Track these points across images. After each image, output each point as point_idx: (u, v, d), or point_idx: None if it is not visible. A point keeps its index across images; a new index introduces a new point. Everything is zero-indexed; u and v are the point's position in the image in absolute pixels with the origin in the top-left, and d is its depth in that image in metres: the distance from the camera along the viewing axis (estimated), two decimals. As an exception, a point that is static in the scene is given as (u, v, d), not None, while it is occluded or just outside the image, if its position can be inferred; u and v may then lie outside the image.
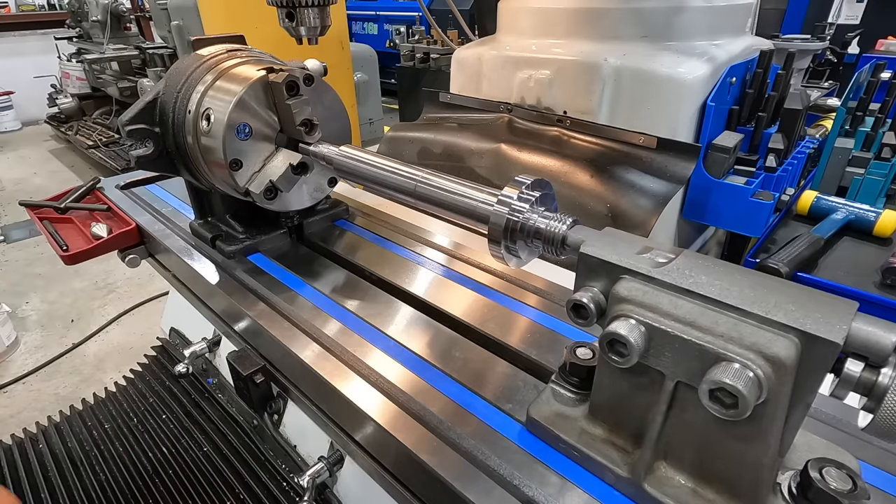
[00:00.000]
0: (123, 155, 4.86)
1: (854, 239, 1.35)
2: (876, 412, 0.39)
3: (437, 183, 0.67)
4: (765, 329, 0.40)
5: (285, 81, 0.78)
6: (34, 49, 7.20)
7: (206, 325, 1.13)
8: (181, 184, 1.06)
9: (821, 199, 1.42)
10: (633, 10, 1.29)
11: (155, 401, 1.26)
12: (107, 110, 5.93)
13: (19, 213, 4.26)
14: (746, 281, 0.44)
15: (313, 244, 1.05)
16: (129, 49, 5.29)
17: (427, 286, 0.89)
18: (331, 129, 0.87)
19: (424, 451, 0.59)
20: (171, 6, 4.13)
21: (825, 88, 2.57)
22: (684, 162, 1.17)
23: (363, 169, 0.76)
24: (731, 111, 1.38)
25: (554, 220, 0.56)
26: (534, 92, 1.38)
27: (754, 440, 0.44)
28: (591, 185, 1.20)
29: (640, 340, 0.44)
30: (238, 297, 0.88)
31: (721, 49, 1.33)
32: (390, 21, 6.82)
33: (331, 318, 0.81)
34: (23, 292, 3.24)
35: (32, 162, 5.73)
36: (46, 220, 1.20)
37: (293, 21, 0.98)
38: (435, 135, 1.50)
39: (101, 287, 3.27)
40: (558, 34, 1.38)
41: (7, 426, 2.22)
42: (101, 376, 2.52)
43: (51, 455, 1.19)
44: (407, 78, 4.66)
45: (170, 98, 0.85)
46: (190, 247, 1.04)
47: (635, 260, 0.48)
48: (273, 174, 0.83)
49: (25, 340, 2.81)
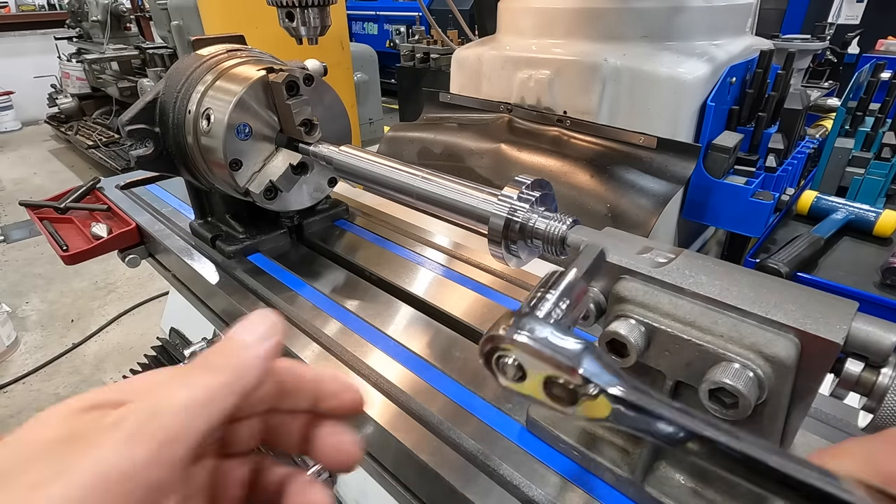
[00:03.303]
0: (123, 155, 4.86)
1: (854, 239, 1.35)
2: (876, 412, 0.39)
3: (436, 183, 0.67)
4: (765, 329, 0.40)
5: (285, 81, 0.78)
6: (34, 49, 7.20)
7: (206, 325, 1.13)
8: (181, 184, 1.06)
9: (821, 199, 1.42)
10: (633, 10, 1.29)
11: (155, 401, 1.26)
12: (107, 110, 5.93)
13: (19, 213, 4.26)
14: (746, 281, 0.44)
15: (313, 244, 1.05)
16: (129, 49, 5.29)
17: (427, 286, 0.89)
18: (331, 129, 0.87)
19: (424, 451, 0.59)
20: (170, 6, 4.12)
21: (825, 88, 2.57)
22: (684, 162, 1.17)
23: (363, 169, 0.76)
24: (731, 111, 1.38)
25: (554, 220, 0.56)
26: (534, 92, 1.38)
27: (754, 440, 0.44)
28: (591, 185, 1.20)
29: (639, 340, 0.44)
30: (238, 297, 0.88)
31: (721, 49, 1.33)
32: (390, 21, 6.82)
33: (331, 318, 0.81)
34: (23, 292, 3.25)
35: (32, 162, 5.73)
36: (46, 219, 1.20)
37: (293, 21, 0.98)
38: (435, 135, 1.50)
39: (101, 287, 3.27)
40: (558, 34, 1.38)
41: (7, 426, 2.23)
42: (101, 376, 2.52)
43: (51, 455, 1.19)
44: (407, 78, 4.66)
45: (170, 98, 0.85)
46: (190, 247, 1.04)
47: (635, 260, 0.48)
48: (273, 174, 0.83)
49: (25, 340, 2.81)
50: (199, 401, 0.28)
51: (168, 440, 0.26)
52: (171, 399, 0.28)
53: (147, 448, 0.26)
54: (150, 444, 0.26)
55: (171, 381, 0.29)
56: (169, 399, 0.28)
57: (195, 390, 0.29)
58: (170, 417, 0.27)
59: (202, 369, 0.30)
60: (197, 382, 0.29)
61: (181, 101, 0.84)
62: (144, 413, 0.27)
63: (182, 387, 0.29)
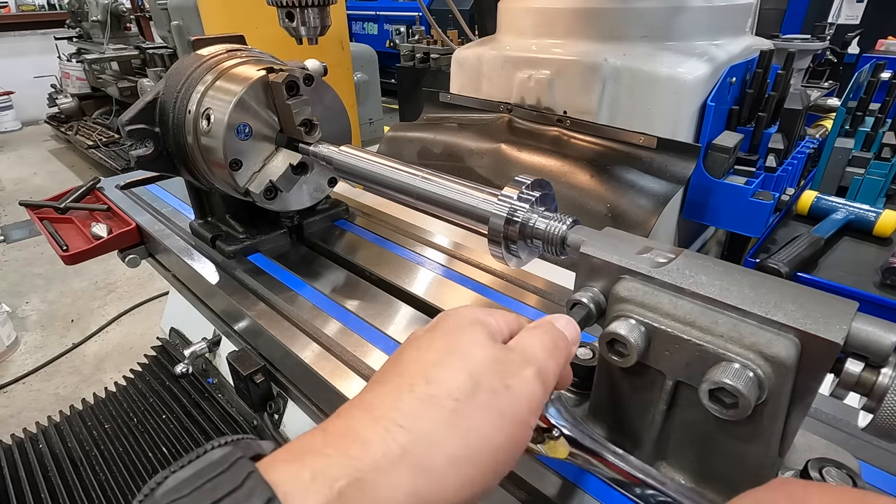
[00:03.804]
0: (123, 155, 4.86)
1: (854, 239, 1.35)
2: (876, 412, 0.39)
3: (436, 183, 0.67)
4: (765, 329, 0.40)
5: (285, 81, 0.78)
6: (34, 49, 7.19)
7: (206, 325, 1.13)
8: (181, 184, 1.06)
9: (821, 199, 1.42)
10: (633, 10, 1.29)
11: (155, 401, 1.26)
12: (107, 110, 5.92)
13: (19, 213, 4.26)
14: (746, 281, 0.44)
15: (313, 244, 1.05)
16: (129, 49, 5.29)
17: (427, 286, 0.89)
18: (331, 129, 0.87)
19: (424, 451, 0.59)
20: (170, 6, 4.12)
21: (825, 88, 2.57)
22: (684, 162, 1.17)
23: (363, 169, 0.76)
24: (731, 111, 1.38)
25: (554, 221, 0.56)
26: (534, 92, 1.38)
27: (754, 440, 0.44)
28: (591, 185, 1.20)
29: (639, 340, 0.45)
30: (238, 297, 0.88)
31: (721, 49, 1.33)
32: (390, 21, 6.81)
33: (331, 318, 0.81)
34: (23, 292, 3.24)
35: (32, 162, 5.73)
36: (46, 220, 1.20)
37: (293, 21, 0.98)
38: (435, 135, 1.50)
39: (101, 287, 3.27)
40: (558, 34, 1.38)
41: (7, 426, 2.22)
42: (101, 376, 2.52)
43: (51, 455, 1.19)
44: (407, 78, 4.66)
45: (170, 98, 0.85)
46: (190, 247, 1.04)
47: (635, 260, 0.48)
48: (273, 174, 0.83)
49: (25, 340, 2.81)
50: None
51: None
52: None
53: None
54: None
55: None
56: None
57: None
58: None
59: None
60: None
61: (181, 101, 0.84)
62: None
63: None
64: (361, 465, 0.29)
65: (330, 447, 0.30)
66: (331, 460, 0.29)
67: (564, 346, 0.41)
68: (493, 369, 0.36)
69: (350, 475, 0.28)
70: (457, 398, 0.33)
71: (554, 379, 0.39)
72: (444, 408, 0.32)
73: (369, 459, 0.29)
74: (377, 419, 0.31)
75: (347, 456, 0.29)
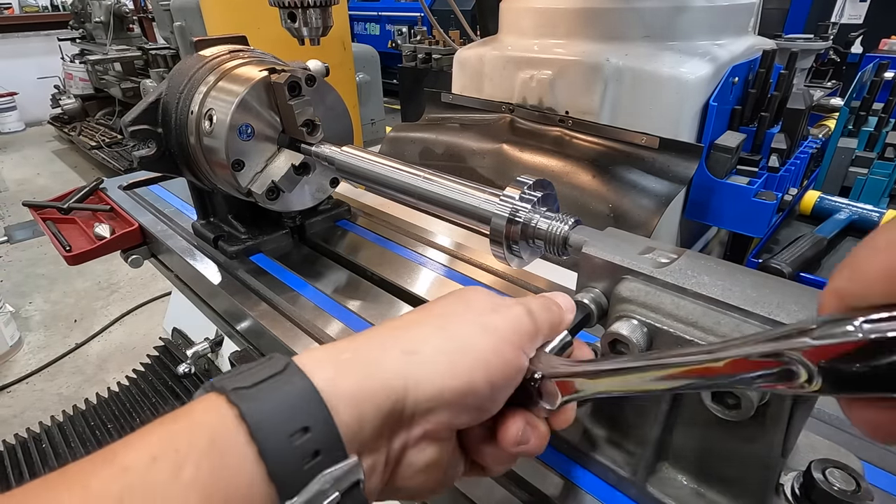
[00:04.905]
0: (126, 155, 4.88)
1: (857, 239, 1.34)
2: (879, 413, 0.38)
3: (438, 183, 0.67)
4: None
5: (287, 82, 0.79)
6: (37, 50, 7.22)
7: (208, 326, 1.13)
8: (183, 184, 1.06)
9: (824, 199, 1.42)
10: (634, 10, 1.29)
11: (157, 400, 1.27)
12: (110, 111, 5.95)
13: (23, 214, 4.27)
14: (749, 281, 0.44)
15: (315, 244, 1.05)
16: (132, 50, 5.30)
17: (429, 286, 0.89)
18: (333, 129, 0.87)
19: (426, 451, 0.59)
20: (173, 7, 4.13)
21: (828, 88, 2.56)
22: (686, 162, 1.16)
23: (365, 169, 0.76)
24: (733, 111, 1.37)
25: (556, 221, 0.56)
26: (536, 92, 1.38)
27: (757, 441, 0.43)
28: (593, 186, 1.20)
29: (642, 341, 0.44)
30: (240, 297, 0.88)
31: (723, 49, 1.32)
32: (392, 21, 6.82)
33: (333, 319, 0.81)
34: (26, 292, 3.26)
35: (36, 163, 5.75)
36: (49, 220, 1.21)
37: (295, 22, 0.99)
38: (437, 135, 1.50)
39: (104, 287, 3.28)
40: (560, 34, 1.38)
41: (10, 426, 2.23)
42: (103, 376, 2.53)
43: (54, 455, 1.20)
44: (409, 78, 4.67)
45: (172, 99, 0.85)
46: (192, 247, 1.04)
47: (637, 260, 0.48)
48: (275, 175, 0.83)
49: (28, 340, 2.82)
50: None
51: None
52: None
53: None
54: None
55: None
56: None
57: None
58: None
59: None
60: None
61: (184, 101, 0.85)
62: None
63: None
64: (359, 346, 0.38)
65: (338, 345, 0.39)
66: (338, 346, 0.38)
67: (557, 310, 0.46)
68: (486, 303, 0.43)
69: (352, 349, 0.38)
70: (444, 313, 0.42)
71: (545, 326, 0.43)
72: (433, 315, 0.42)
73: (368, 344, 0.39)
74: (383, 330, 0.41)
75: (352, 342, 0.39)
